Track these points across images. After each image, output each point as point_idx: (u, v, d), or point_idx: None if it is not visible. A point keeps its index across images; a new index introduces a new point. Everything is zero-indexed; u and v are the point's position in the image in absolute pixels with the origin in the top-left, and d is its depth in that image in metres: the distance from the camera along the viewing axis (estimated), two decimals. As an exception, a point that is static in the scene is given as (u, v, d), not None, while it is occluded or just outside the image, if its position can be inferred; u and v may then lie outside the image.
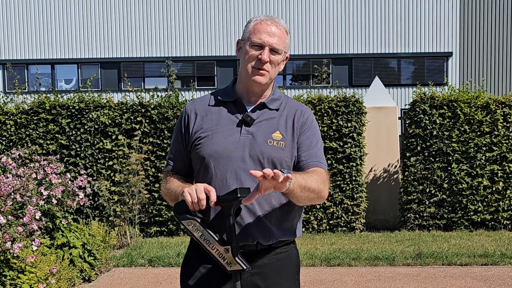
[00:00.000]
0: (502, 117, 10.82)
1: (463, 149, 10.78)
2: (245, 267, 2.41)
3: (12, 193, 6.05)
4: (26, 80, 23.98)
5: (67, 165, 10.46)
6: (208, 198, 2.34)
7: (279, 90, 2.79)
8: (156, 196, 10.60)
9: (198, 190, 2.34)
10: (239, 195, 2.32)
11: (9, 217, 5.59)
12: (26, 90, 19.60)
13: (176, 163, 2.75)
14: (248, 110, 2.64)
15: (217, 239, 2.41)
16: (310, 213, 10.76)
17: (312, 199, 2.53)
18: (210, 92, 2.84)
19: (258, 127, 2.60)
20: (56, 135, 10.66)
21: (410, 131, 10.95)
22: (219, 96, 2.71)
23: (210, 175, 2.56)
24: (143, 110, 10.73)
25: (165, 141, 10.64)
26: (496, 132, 10.78)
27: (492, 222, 10.88)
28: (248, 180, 2.50)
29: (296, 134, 2.64)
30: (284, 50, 2.62)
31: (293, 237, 2.69)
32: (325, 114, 10.78)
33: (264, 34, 2.57)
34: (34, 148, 10.06)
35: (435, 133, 10.78)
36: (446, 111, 10.81)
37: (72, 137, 10.64)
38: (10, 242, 5.49)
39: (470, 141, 10.79)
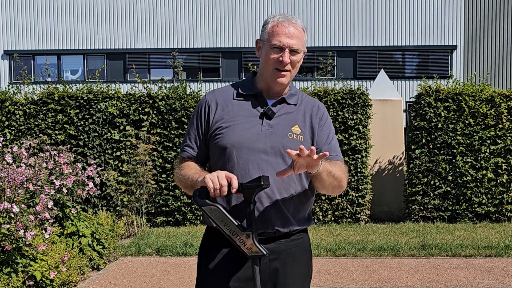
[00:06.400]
0: (506, 111, 10.89)
1: (468, 142, 10.85)
2: (265, 252, 2.48)
3: (25, 183, 6.14)
4: (33, 71, 24.04)
5: (76, 155, 10.54)
6: (229, 185, 2.41)
7: (294, 85, 2.89)
8: (163, 187, 10.69)
9: (220, 176, 2.41)
10: (262, 183, 2.40)
11: (22, 205, 5.68)
12: (33, 80, 19.70)
13: (193, 150, 2.80)
14: (269, 104, 2.73)
15: (238, 225, 2.47)
16: (315, 204, 10.84)
17: (334, 187, 2.66)
18: (232, 83, 2.92)
19: (278, 120, 2.69)
20: (65, 125, 10.75)
21: (415, 124, 11.01)
22: (240, 89, 2.79)
23: (232, 164, 2.62)
24: (150, 101, 10.81)
25: (172, 132, 10.72)
26: (500, 125, 10.84)
27: (496, 215, 10.97)
28: (270, 171, 2.59)
29: (315, 129, 2.75)
30: (302, 49, 2.70)
31: (307, 225, 2.79)
32: (331, 107, 10.85)
33: (283, 36, 2.64)
34: (43, 138, 10.15)
35: (440, 125, 10.85)
36: (451, 104, 10.88)
37: (80, 128, 10.74)
38: (23, 230, 5.58)
39: (474, 134, 10.85)
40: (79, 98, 10.78)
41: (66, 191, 7.25)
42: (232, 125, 2.67)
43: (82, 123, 10.76)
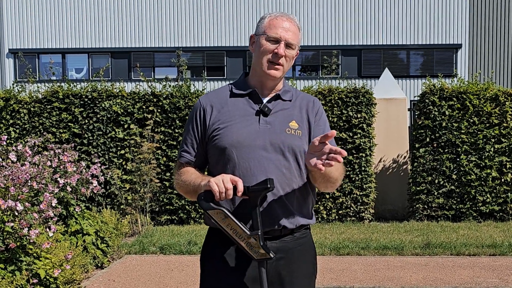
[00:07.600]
0: (511, 109, 10.86)
1: (472, 140, 10.84)
2: (272, 256, 2.47)
3: (29, 181, 6.15)
4: (37, 69, 24.11)
5: (80, 154, 10.56)
6: (235, 188, 2.40)
7: (287, 83, 2.89)
8: (167, 185, 10.71)
9: (225, 180, 2.40)
10: (269, 186, 2.40)
11: (26, 204, 5.69)
12: (38, 79, 19.73)
13: (190, 155, 2.79)
14: (264, 101, 2.73)
15: (244, 228, 2.45)
16: (319, 202, 10.85)
17: (326, 187, 2.68)
18: (225, 85, 2.91)
19: (275, 117, 2.69)
20: (69, 123, 10.78)
21: (420, 122, 11.00)
22: (233, 89, 2.79)
23: (233, 164, 2.61)
24: (155, 100, 10.83)
25: (176, 131, 10.73)
26: (505, 124, 10.83)
27: (501, 213, 10.95)
28: (272, 168, 2.59)
29: (311, 123, 2.75)
30: (297, 45, 2.71)
31: (310, 221, 2.78)
32: (335, 105, 10.85)
33: (280, 29, 2.66)
34: (47, 137, 10.17)
35: (444, 124, 10.84)
36: (455, 103, 10.86)
37: (84, 126, 10.76)
38: (27, 229, 5.59)
39: (479, 132, 10.84)
40: (84, 96, 10.81)
41: (70, 189, 7.26)
42: (229, 125, 2.67)
43: (86, 121, 10.79)
